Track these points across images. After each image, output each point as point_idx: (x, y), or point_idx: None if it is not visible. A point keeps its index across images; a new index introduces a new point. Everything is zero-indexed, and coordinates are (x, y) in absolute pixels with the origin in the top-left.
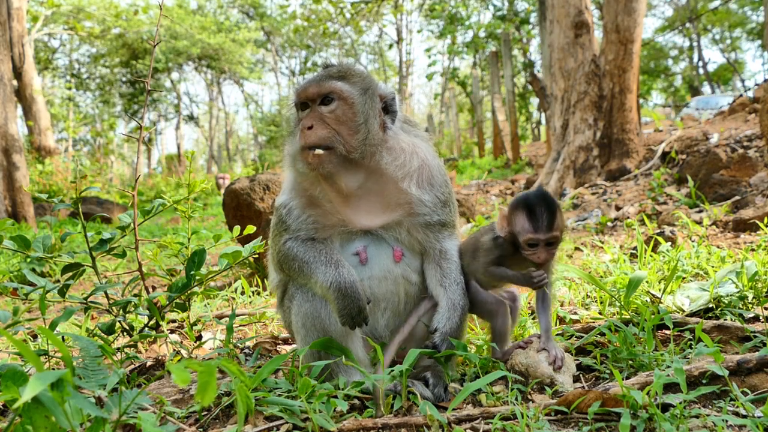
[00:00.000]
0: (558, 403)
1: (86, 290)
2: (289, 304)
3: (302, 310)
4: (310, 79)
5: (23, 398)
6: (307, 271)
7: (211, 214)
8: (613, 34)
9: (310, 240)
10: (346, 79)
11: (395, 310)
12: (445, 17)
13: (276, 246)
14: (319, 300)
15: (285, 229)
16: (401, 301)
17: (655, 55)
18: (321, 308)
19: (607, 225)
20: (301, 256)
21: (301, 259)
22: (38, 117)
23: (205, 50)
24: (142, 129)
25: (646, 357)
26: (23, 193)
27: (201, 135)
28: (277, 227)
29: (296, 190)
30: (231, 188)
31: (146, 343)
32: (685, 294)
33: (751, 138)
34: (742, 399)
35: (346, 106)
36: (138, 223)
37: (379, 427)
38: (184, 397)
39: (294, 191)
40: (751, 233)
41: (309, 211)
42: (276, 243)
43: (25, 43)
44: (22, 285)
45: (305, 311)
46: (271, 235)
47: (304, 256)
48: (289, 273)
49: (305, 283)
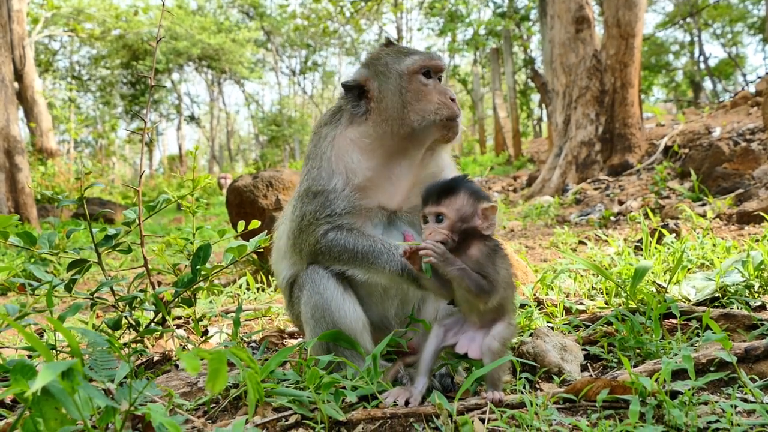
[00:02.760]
0: (566, 391)
1: (92, 288)
2: (299, 294)
3: (312, 301)
4: (438, 55)
5: (34, 387)
6: (366, 261)
7: (214, 214)
8: (614, 29)
9: (352, 229)
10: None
11: (404, 298)
12: (445, 15)
13: (309, 237)
14: (331, 292)
15: (327, 215)
16: (411, 288)
17: (656, 50)
18: (331, 300)
19: (610, 219)
20: (351, 246)
21: (352, 249)
22: (40, 119)
23: (206, 50)
24: (145, 126)
25: (654, 345)
26: (26, 194)
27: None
28: (312, 215)
29: (344, 173)
30: (234, 185)
31: (153, 339)
32: (691, 284)
33: (754, 131)
34: (750, 385)
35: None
36: (143, 219)
37: (387, 416)
38: (192, 390)
39: (342, 174)
40: (755, 225)
41: (356, 194)
42: (308, 233)
43: (25, 45)
44: (29, 281)
45: (315, 302)
46: (298, 225)
47: (356, 246)
48: (332, 263)
49: (357, 273)
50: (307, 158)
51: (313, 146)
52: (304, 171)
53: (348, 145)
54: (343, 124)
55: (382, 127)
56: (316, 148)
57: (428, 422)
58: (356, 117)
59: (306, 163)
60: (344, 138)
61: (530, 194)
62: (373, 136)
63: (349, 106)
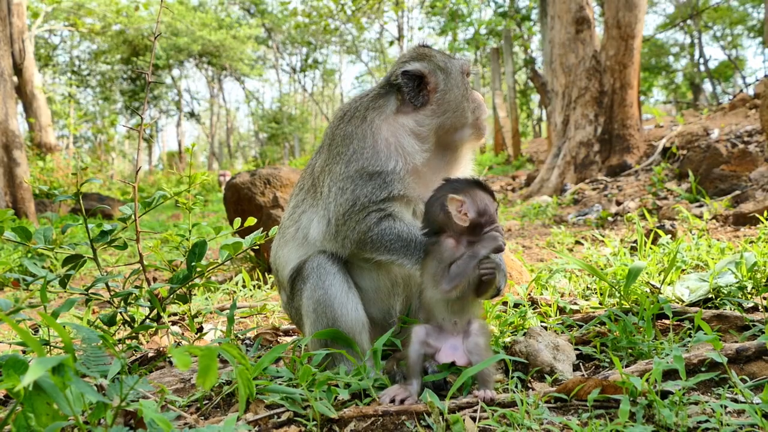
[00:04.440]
0: (558, 390)
1: (87, 284)
2: (301, 287)
3: (315, 295)
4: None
5: (25, 381)
6: (417, 251)
7: (212, 210)
8: (614, 30)
9: (402, 218)
10: None
11: (409, 294)
12: (446, 14)
13: (359, 224)
14: (336, 289)
15: (383, 199)
16: (415, 283)
17: (656, 51)
18: (334, 298)
19: (608, 219)
20: (405, 235)
21: (406, 238)
22: (39, 114)
23: (206, 47)
24: (143, 122)
25: (646, 345)
26: (24, 189)
27: (202, 132)
28: (367, 198)
29: (402, 155)
30: (232, 183)
31: (147, 335)
32: (684, 284)
33: (752, 133)
34: (741, 386)
35: None
36: (139, 215)
37: (379, 414)
38: (185, 387)
39: (400, 156)
40: (752, 227)
41: (410, 179)
42: (357, 220)
43: (25, 40)
44: (24, 277)
45: (318, 298)
46: (348, 210)
47: (409, 235)
48: (378, 254)
49: (405, 263)
50: (344, 139)
51: (355, 127)
52: (343, 152)
53: (401, 129)
54: (391, 109)
55: (440, 118)
56: (360, 129)
57: (420, 420)
58: (404, 106)
59: (344, 144)
60: (396, 122)
61: (529, 194)
62: (428, 126)
63: (405, 94)
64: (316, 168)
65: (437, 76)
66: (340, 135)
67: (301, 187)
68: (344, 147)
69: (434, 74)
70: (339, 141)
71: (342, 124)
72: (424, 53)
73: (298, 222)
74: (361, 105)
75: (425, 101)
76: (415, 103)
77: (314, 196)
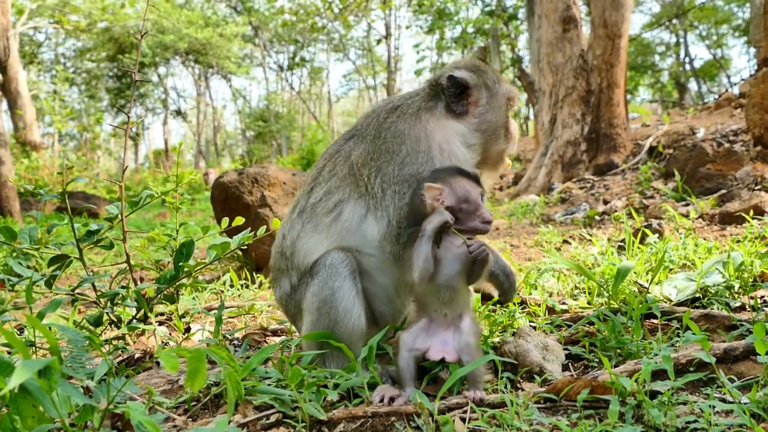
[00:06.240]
0: (547, 390)
1: (73, 284)
2: (308, 281)
3: (322, 294)
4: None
5: (10, 385)
6: None
7: (199, 209)
8: (601, 29)
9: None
10: None
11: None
12: (433, 13)
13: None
14: (344, 292)
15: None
16: None
17: (642, 51)
18: (341, 301)
19: (595, 219)
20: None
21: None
22: (24, 111)
23: (193, 45)
24: (129, 121)
25: (635, 345)
26: (8, 187)
27: (188, 130)
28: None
29: (458, 162)
30: (219, 181)
31: (134, 336)
32: (672, 284)
33: (737, 132)
34: (729, 386)
35: None
36: (126, 214)
37: (369, 415)
38: (173, 388)
39: (455, 161)
40: (737, 226)
41: None
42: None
43: (10, 37)
44: (9, 277)
45: (324, 297)
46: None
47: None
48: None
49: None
50: (395, 137)
51: (409, 126)
52: (395, 151)
53: (453, 135)
54: (441, 112)
55: (480, 135)
56: (414, 130)
57: (409, 421)
58: (450, 112)
59: (395, 143)
60: (447, 126)
61: (516, 193)
62: (478, 138)
63: (447, 97)
64: (354, 157)
65: (481, 92)
66: (391, 131)
67: (333, 173)
68: (395, 146)
69: (479, 89)
70: (389, 137)
71: (392, 118)
72: (477, 66)
73: (337, 212)
74: (414, 103)
75: (464, 111)
76: (455, 109)
77: (356, 190)
